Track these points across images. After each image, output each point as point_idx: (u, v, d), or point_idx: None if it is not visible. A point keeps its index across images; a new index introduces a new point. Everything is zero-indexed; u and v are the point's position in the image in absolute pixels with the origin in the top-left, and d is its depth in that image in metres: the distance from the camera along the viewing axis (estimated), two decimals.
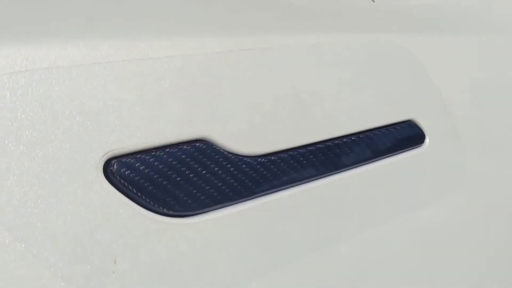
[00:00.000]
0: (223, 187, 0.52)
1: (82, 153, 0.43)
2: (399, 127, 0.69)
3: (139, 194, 0.46)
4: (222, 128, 0.52)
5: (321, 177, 0.60)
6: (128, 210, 0.45)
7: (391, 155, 0.69)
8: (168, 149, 0.48)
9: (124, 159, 0.46)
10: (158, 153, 0.48)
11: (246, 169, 0.54)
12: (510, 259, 0.85)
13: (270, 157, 0.56)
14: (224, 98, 0.52)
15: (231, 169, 0.52)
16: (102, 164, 0.44)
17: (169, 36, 0.50)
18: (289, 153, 0.58)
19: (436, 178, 0.74)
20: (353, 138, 0.64)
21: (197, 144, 0.50)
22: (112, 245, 0.44)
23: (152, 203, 0.47)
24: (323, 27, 0.65)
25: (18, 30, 0.43)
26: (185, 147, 0.49)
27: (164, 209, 0.48)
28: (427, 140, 0.73)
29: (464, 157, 0.77)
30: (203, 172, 0.51)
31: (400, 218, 0.70)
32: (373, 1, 0.70)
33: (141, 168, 0.46)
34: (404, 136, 0.70)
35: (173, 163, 0.48)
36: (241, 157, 0.53)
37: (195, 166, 0.50)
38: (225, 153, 0.52)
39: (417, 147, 0.72)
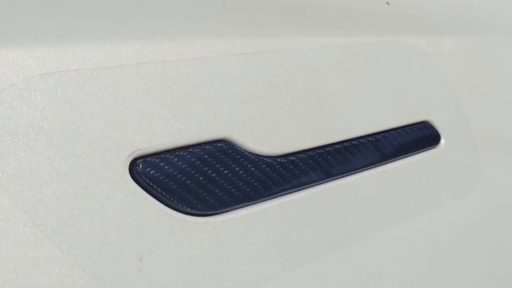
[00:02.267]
0: (244, 187, 0.53)
1: (109, 153, 0.44)
2: (415, 128, 0.70)
3: (164, 193, 0.47)
4: (243, 129, 0.52)
5: (338, 178, 0.61)
6: (153, 209, 0.46)
7: (407, 156, 0.70)
8: (191, 149, 0.49)
9: (149, 159, 0.47)
10: (181, 153, 0.49)
11: (267, 169, 0.54)
12: None
13: (289, 157, 0.56)
14: (245, 99, 0.53)
15: (252, 169, 0.53)
16: (128, 164, 0.45)
17: (191, 38, 0.51)
18: (308, 153, 0.58)
19: (451, 179, 0.75)
20: (370, 139, 0.65)
21: (219, 144, 0.51)
22: (138, 243, 0.45)
23: (176, 202, 0.48)
24: (341, 30, 0.66)
25: (48, 33, 0.44)
26: (207, 147, 0.50)
27: (188, 208, 0.49)
28: (442, 141, 0.73)
29: (479, 158, 0.78)
30: (225, 171, 0.51)
31: (416, 219, 0.70)
32: (388, 4, 0.71)
33: (165, 167, 0.47)
34: (420, 137, 0.71)
35: (196, 162, 0.49)
36: (261, 157, 0.54)
37: (217, 166, 0.51)
38: (246, 153, 0.53)
39: (432, 147, 0.73)
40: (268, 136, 0.54)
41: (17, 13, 0.43)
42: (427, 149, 0.72)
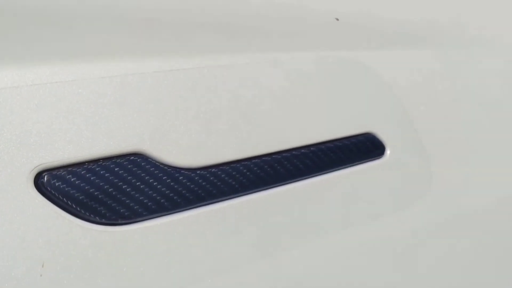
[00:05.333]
0: (157, 198, 0.55)
1: (13, 167, 0.47)
2: (354, 140, 0.70)
3: (70, 204, 0.50)
4: (159, 143, 0.55)
5: (267, 188, 0.63)
6: (58, 219, 0.49)
7: (347, 166, 0.71)
8: (101, 162, 0.52)
9: (55, 172, 0.50)
10: (90, 166, 0.52)
11: (183, 181, 0.57)
12: (479, 268, 0.85)
13: (210, 170, 0.59)
14: (163, 115, 0.55)
15: (167, 180, 0.56)
16: (33, 176, 0.48)
17: (109, 58, 0.54)
18: (233, 165, 0.60)
19: (398, 189, 0.75)
20: (303, 150, 0.66)
21: (131, 158, 0.54)
22: (41, 250, 0.48)
23: (83, 212, 0.51)
24: (281, 45, 0.67)
25: None
26: (118, 160, 0.53)
27: (96, 218, 0.52)
28: (387, 152, 0.74)
29: (430, 168, 0.78)
30: (137, 183, 0.54)
31: (356, 228, 0.71)
32: (337, 20, 0.72)
33: (72, 179, 0.50)
34: (362, 148, 0.71)
35: (106, 175, 0.52)
36: (177, 169, 0.56)
37: (128, 178, 0.54)
38: (160, 165, 0.55)
39: (376, 158, 0.73)
40: (187, 149, 0.57)
41: None
42: (371, 160, 0.73)
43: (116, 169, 0.53)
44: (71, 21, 0.53)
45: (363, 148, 0.72)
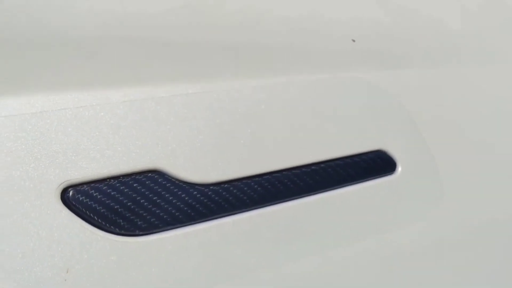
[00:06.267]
0: (173, 211, 0.60)
1: (42, 183, 0.53)
2: (365, 157, 0.73)
3: (92, 216, 0.56)
4: (175, 160, 0.59)
5: (276, 203, 0.67)
6: (81, 229, 0.55)
7: (359, 182, 0.73)
8: (121, 179, 0.57)
9: (80, 187, 0.55)
10: (112, 182, 0.57)
11: (198, 196, 0.61)
12: (490, 281, 0.86)
13: (223, 185, 0.63)
14: (177, 134, 0.60)
15: (182, 195, 0.60)
16: (60, 192, 0.54)
17: (130, 83, 0.59)
18: (244, 181, 0.64)
19: (408, 205, 0.77)
20: (313, 167, 0.69)
21: (149, 174, 0.59)
22: (66, 258, 0.54)
23: (104, 223, 0.56)
24: (294, 67, 0.71)
25: None
26: (137, 177, 0.58)
27: (116, 229, 0.57)
28: (399, 169, 0.76)
29: (441, 184, 0.79)
30: (154, 198, 0.59)
31: (368, 242, 0.74)
32: (354, 41, 0.75)
33: (94, 194, 0.56)
34: (373, 165, 0.74)
35: (126, 190, 0.57)
36: (192, 185, 0.61)
37: (146, 193, 0.58)
38: (176, 181, 0.60)
39: (388, 174, 0.75)
40: (201, 166, 0.61)
41: None
42: (382, 176, 0.75)
43: (135, 184, 0.58)
44: (95, 49, 0.58)
45: (375, 164, 0.74)
